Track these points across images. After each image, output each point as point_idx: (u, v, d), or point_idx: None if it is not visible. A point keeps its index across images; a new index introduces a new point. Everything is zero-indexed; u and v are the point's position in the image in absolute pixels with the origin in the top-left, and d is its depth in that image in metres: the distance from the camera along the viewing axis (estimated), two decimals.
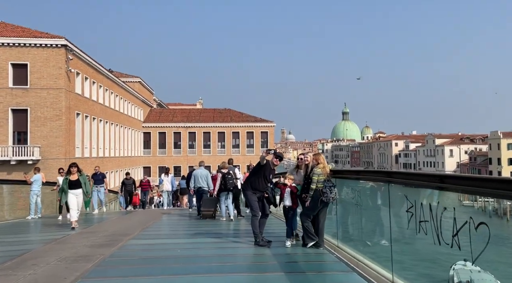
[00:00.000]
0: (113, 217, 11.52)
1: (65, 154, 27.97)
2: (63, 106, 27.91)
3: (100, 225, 9.44)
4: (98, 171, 14.44)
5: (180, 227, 9.39)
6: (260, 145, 56.54)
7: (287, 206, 6.13)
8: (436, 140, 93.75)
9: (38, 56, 27.65)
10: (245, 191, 6.32)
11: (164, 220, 10.92)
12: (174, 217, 11.98)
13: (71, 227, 8.37)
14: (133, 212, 14.19)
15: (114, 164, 40.18)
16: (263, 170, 6.24)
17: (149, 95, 61.93)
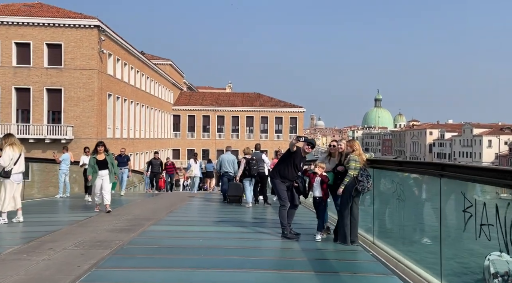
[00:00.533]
0: (137, 200, 11.39)
1: (97, 134, 28.47)
2: (95, 87, 28.28)
3: (124, 208, 9.27)
4: (123, 153, 14.15)
5: (205, 213, 9.10)
6: (289, 131, 55.84)
7: (317, 197, 5.63)
8: (474, 130, 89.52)
9: (72, 37, 28.00)
10: (273, 179, 5.86)
11: (190, 204, 10.70)
12: (200, 201, 11.75)
13: (97, 209, 8.23)
14: (159, 195, 14.00)
15: (144, 145, 40.79)
16: (293, 157, 5.73)
17: (180, 78, 62.23)
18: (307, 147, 5.74)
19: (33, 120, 27.79)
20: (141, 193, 16.04)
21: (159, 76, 47.37)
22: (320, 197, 5.61)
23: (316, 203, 5.69)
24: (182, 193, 16.92)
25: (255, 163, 9.65)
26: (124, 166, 13.57)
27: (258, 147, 10.46)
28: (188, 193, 16.57)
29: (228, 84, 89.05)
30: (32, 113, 27.91)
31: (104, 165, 8.50)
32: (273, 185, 5.86)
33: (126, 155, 14.19)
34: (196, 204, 11.15)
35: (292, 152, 5.73)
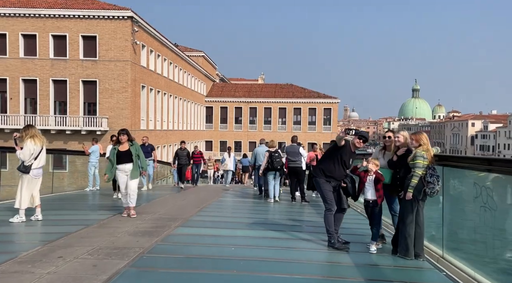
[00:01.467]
0: (165, 195, 10.75)
1: (131, 125, 28.51)
2: (129, 79, 28.26)
3: (150, 205, 8.51)
4: (146, 142, 12.30)
5: (239, 212, 8.32)
6: (323, 122, 54.35)
7: (370, 201, 4.70)
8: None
9: (106, 28, 28.05)
10: (316, 178, 4.95)
11: (222, 201, 9.98)
12: (234, 196, 11.03)
13: (125, 214, 6.85)
14: (189, 189, 13.26)
15: (177, 137, 40.81)
16: (340, 153, 4.82)
17: (212, 70, 61.99)
18: (358, 140, 4.82)
19: (69, 112, 28.23)
20: (170, 187, 15.32)
21: (192, 68, 47.22)
22: (374, 200, 4.68)
23: (368, 207, 4.77)
24: (214, 187, 16.17)
25: (278, 156, 9.16)
26: (148, 157, 11.94)
27: (295, 139, 9.59)
28: (221, 186, 16.07)
29: (260, 76, 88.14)
30: (69, 105, 28.34)
31: (128, 157, 7.01)
32: (316, 185, 4.97)
33: (150, 144, 12.52)
34: (230, 200, 10.42)
35: (339, 147, 4.83)
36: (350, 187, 4.86)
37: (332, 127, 54.72)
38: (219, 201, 9.58)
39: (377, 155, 5.07)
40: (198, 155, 15.90)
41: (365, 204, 4.84)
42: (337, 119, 57.28)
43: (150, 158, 12.04)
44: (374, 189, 4.64)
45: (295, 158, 9.12)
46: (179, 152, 14.06)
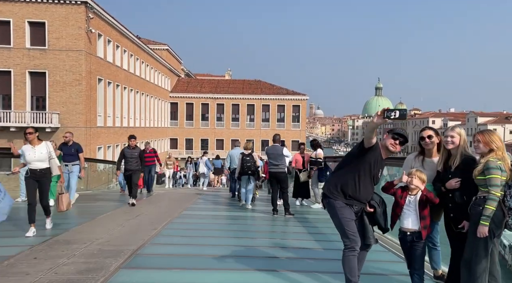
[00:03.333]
0: (108, 209, 8.04)
1: (85, 122, 25.94)
2: (83, 70, 25.62)
3: (84, 227, 5.97)
4: (70, 140, 8.80)
5: (209, 233, 6.12)
6: (291, 119, 53.39)
7: (410, 232, 3.17)
8: (478, 118, 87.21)
9: (56, 14, 25.23)
10: (330, 201, 3.29)
11: (187, 215, 8.06)
12: (203, 209, 9.21)
13: None
14: (141, 200, 10.05)
15: (139, 135, 38.20)
16: (368, 161, 3.21)
17: (177, 65, 59.38)
18: (392, 142, 3.29)
19: (14, 106, 25.19)
20: (115, 194, 11.98)
21: (155, 61, 44.60)
22: (416, 232, 3.16)
23: (407, 242, 3.23)
24: (175, 192, 13.65)
25: (249, 160, 8.64)
26: (73, 160, 8.75)
27: (277, 138, 7.96)
28: (189, 190, 14.39)
29: (227, 72, 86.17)
30: (14, 99, 25.29)
31: None
32: (330, 210, 3.30)
33: (75, 143, 8.97)
34: (197, 213, 8.44)
35: (366, 150, 3.20)
36: (381, 212, 3.29)
37: (301, 124, 53.90)
38: (183, 216, 7.51)
39: (413, 163, 3.56)
40: (150, 154, 12.36)
41: (402, 236, 3.29)
42: (305, 117, 56.52)
43: (74, 162, 8.67)
44: (419, 215, 3.11)
45: (278, 161, 7.54)
46: (127, 152, 9.65)
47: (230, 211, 8.42)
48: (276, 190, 7.82)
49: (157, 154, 13.18)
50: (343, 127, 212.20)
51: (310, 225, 6.87)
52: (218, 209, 8.95)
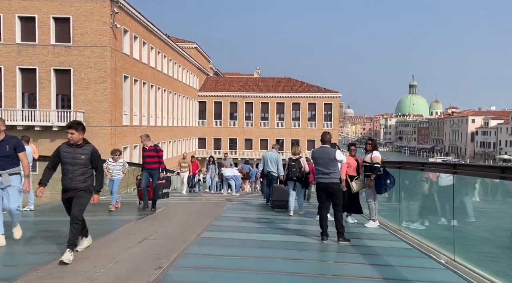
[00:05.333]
0: (102, 234, 5.74)
1: (110, 121, 24.99)
2: (108, 67, 24.66)
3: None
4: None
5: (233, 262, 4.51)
6: (323, 118, 51.06)
7: None
8: None
9: (81, 9, 24.39)
10: None
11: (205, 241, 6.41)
12: (232, 220, 7.48)
13: None
14: (136, 222, 7.18)
15: (166, 134, 37.32)
16: None
17: (206, 63, 58.38)
18: None
19: (39, 105, 24.57)
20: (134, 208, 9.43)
21: (183, 59, 43.60)
22: None
23: None
24: (200, 201, 11.50)
25: (294, 165, 8.24)
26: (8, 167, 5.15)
27: (327, 137, 5.91)
28: (213, 197, 12.64)
29: (256, 70, 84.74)
30: (39, 98, 24.68)
31: None
32: None
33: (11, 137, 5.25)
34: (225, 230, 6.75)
35: None
36: None
37: (333, 123, 51.49)
38: (202, 242, 5.38)
39: None
40: (150, 153, 8.64)
41: None
42: (338, 115, 54.02)
43: (12, 169, 5.09)
44: None
45: (329, 169, 5.62)
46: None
47: (265, 232, 6.27)
48: (326, 207, 5.82)
49: (161, 154, 8.82)
50: (374, 127, 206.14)
51: (370, 253, 5.03)
52: (250, 229, 6.55)
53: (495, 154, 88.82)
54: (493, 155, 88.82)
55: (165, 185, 9.20)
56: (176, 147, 40.14)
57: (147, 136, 8.89)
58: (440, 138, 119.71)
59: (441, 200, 5.82)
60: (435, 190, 6.42)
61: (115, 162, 8.82)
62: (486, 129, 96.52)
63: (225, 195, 13.76)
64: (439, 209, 5.70)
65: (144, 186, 8.61)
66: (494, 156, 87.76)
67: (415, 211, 6.91)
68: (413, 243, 5.55)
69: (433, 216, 6.21)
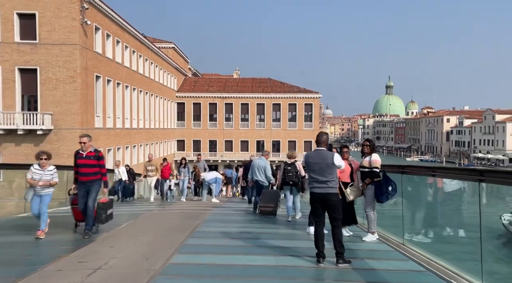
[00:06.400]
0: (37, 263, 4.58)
1: (81, 123, 23.52)
2: (78, 66, 23.21)
3: None
4: None
5: None
6: (304, 119, 50.56)
7: None
8: (496, 116, 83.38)
9: (48, 5, 22.86)
10: None
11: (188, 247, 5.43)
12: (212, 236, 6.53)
13: None
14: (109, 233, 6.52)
15: (143, 137, 35.88)
16: None
17: (184, 64, 57.00)
18: None
19: (3, 107, 22.86)
20: None
21: (160, 60, 42.20)
22: None
23: None
24: (171, 211, 10.07)
25: (290, 170, 8.12)
26: None
27: (323, 138, 4.98)
28: (187, 205, 11.54)
29: (235, 71, 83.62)
30: (2, 99, 22.96)
31: None
32: None
33: None
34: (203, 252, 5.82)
35: None
36: None
37: (314, 124, 51.07)
38: (175, 268, 4.44)
39: None
40: (89, 161, 6.41)
41: None
42: (318, 116, 53.64)
43: None
44: None
45: (325, 176, 4.72)
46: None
47: (250, 253, 5.25)
48: (322, 222, 4.85)
49: (103, 162, 6.52)
50: (353, 127, 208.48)
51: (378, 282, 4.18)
52: (232, 250, 5.36)
53: (469, 152, 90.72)
54: (467, 154, 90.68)
55: (109, 205, 6.83)
56: (154, 150, 38.70)
57: (89, 137, 6.55)
58: (417, 138, 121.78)
59: (454, 209, 5.01)
60: (444, 197, 5.65)
61: (42, 169, 6.30)
62: (460, 128, 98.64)
63: (205, 201, 12.74)
64: (453, 220, 4.92)
65: (82, 207, 6.34)
66: (469, 154, 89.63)
67: (420, 221, 6.12)
68: (424, 262, 4.74)
69: (443, 227, 5.43)
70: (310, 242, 5.02)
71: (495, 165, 78.58)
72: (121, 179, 13.07)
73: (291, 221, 7.97)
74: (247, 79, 55.51)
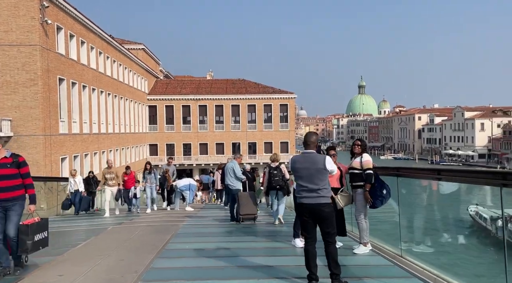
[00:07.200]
0: None
1: (44, 129, 21.96)
2: (39, 68, 21.68)
3: None
4: None
5: None
6: (279, 120, 50.09)
7: None
8: (465, 113, 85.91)
9: (3, 3, 21.25)
10: None
11: None
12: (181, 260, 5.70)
13: None
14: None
15: (113, 142, 34.30)
16: None
17: (155, 66, 55.43)
18: None
19: None
20: None
21: (130, 61, 40.64)
22: None
23: None
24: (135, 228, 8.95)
25: (277, 173, 7.85)
26: None
27: (313, 138, 4.20)
28: (155, 217, 10.56)
29: (208, 72, 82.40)
30: None
31: None
32: None
33: None
34: None
35: None
36: None
37: (290, 125, 50.68)
38: None
39: None
40: (5, 170, 4.61)
41: None
42: (294, 116, 53.31)
43: None
44: None
45: (316, 184, 4.00)
46: None
47: (229, 277, 4.34)
48: (314, 238, 4.10)
49: (26, 170, 4.84)
50: (327, 127, 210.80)
51: None
52: (207, 274, 4.49)
53: (441, 149, 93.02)
54: (439, 150, 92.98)
55: (40, 227, 4.95)
56: (125, 155, 37.14)
57: None
58: (390, 136, 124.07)
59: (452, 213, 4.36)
60: (441, 200, 5.02)
61: None
62: (431, 126, 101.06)
63: (177, 210, 11.80)
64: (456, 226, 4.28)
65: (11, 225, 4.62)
66: (440, 151, 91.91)
67: (420, 229, 5.48)
68: (430, 279, 4.07)
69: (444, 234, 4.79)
70: (298, 258, 4.29)
71: (465, 161, 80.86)
72: (77, 190, 11.64)
73: (277, 225, 7.83)
74: (221, 80, 54.59)
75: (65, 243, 5.77)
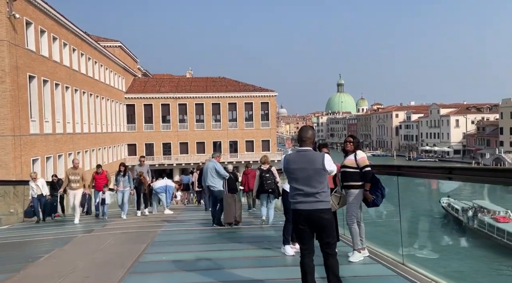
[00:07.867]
0: None
1: (13, 129, 20.74)
2: (7, 65, 20.44)
3: None
4: None
5: None
6: (261, 118, 49.64)
7: None
8: (441, 110, 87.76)
9: None
10: None
11: None
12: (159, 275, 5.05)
13: None
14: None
15: (89, 142, 33.02)
16: None
17: (133, 63, 53.99)
18: None
19: None
20: None
21: (106, 59, 39.28)
22: None
23: None
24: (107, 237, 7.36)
25: (269, 177, 7.53)
26: None
27: (309, 134, 3.69)
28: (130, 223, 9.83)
29: (188, 71, 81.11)
30: None
31: None
32: None
33: None
34: None
35: None
36: None
37: (271, 123, 50.29)
38: None
39: None
40: None
41: None
42: (275, 114, 52.95)
43: None
44: None
45: (313, 186, 3.46)
46: None
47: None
48: (311, 249, 3.56)
49: None
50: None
51: None
52: None
53: (417, 146, 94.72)
54: (416, 147, 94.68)
55: None
56: (101, 156, 35.85)
57: None
58: (368, 134, 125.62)
59: None
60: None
61: None
62: (408, 123, 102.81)
63: (154, 214, 11.10)
64: None
65: None
66: (417, 148, 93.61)
67: (424, 233, 5.02)
68: None
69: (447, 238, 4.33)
70: (289, 269, 3.77)
71: (441, 157, 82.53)
72: (41, 194, 10.56)
73: (263, 225, 7.72)
74: (201, 78, 53.68)
75: (24, 256, 5.05)
